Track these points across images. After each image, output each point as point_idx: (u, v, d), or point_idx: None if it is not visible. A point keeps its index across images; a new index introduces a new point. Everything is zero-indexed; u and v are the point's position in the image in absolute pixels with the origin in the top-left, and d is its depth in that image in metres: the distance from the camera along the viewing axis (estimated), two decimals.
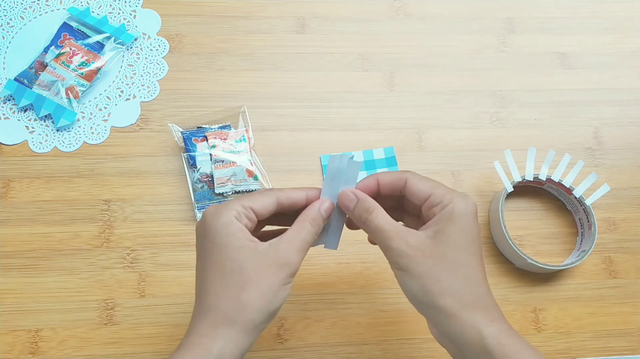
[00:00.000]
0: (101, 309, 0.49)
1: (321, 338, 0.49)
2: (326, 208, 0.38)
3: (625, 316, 0.52)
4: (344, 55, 0.60)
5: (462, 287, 0.34)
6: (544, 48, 0.62)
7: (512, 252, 0.50)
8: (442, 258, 0.35)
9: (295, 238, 0.36)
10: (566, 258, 0.53)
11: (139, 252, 0.51)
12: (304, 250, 0.36)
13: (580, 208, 0.53)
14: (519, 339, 0.34)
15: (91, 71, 0.56)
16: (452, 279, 0.34)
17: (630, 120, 0.60)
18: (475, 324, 0.33)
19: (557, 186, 0.53)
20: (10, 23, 0.59)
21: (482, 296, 0.35)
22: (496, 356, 0.32)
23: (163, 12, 0.61)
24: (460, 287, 0.34)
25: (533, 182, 0.54)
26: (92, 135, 0.55)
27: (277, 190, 0.38)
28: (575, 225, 0.54)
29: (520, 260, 0.50)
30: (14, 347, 0.47)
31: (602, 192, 0.51)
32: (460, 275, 0.34)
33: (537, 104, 0.59)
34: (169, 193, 0.53)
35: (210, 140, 0.53)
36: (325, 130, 0.57)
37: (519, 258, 0.49)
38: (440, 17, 0.63)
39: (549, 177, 0.52)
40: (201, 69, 0.58)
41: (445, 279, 0.34)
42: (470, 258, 0.35)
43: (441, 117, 0.58)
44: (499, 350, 0.32)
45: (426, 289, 0.34)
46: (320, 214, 0.38)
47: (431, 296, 0.34)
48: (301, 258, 0.36)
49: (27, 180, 0.53)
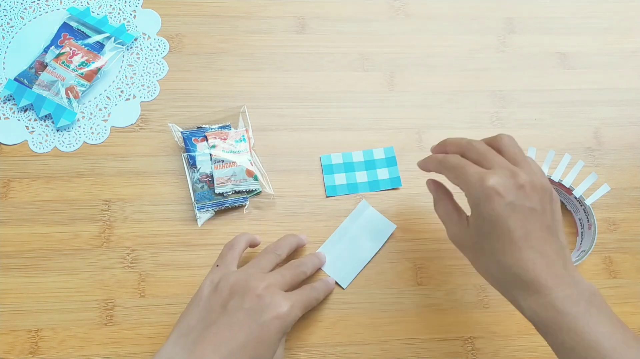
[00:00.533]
0: (101, 309, 0.49)
1: (321, 338, 0.49)
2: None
3: (626, 316, 0.52)
4: (344, 55, 0.60)
5: (496, 271, 0.39)
6: (544, 48, 0.62)
7: None
8: (477, 247, 0.40)
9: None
10: None
11: (139, 252, 0.51)
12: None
13: (580, 208, 0.53)
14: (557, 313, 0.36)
15: (91, 71, 0.56)
16: (488, 265, 0.39)
17: (630, 120, 0.60)
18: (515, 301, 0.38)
19: (557, 186, 0.53)
20: (10, 23, 0.59)
21: (517, 274, 0.37)
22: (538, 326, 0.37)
23: (163, 12, 0.61)
24: (495, 271, 0.39)
25: None
26: (92, 135, 0.55)
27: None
28: (575, 225, 0.54)
29: None
30: (14, 347, 0.47)
31: (602, 192, 0.51)
32: (492, 261, 0.39)
33: (537, 104, 0.59)
34: (169, 193, 0.53)
35: (210, 140, 0.53)
36: (325, 130, 0.57)
37: None
38: (440, 17, 0.63)
39: (549, 176, 0.52)
40: (201, 69, 0.58)
41: (482, 265, 0.40)
42: (496, 244, 0.38)
43: (441, 117, 0.58)
44: (537, 321, 0.36)
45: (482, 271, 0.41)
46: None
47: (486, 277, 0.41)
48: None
49: (27, 180, 0.53)
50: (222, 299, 0.41)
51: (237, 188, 0.52)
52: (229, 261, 0.45)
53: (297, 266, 0.46)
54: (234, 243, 0.46)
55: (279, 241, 0.48)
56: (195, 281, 0.50)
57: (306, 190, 0.54)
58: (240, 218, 0.53)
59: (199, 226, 0.52)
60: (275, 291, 0.41)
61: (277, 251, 0.47)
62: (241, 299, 0.40)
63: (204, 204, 0.52)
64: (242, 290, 0.41)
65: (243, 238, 0.47)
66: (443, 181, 0.46)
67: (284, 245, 0.48)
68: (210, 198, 0.52)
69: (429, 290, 0.51)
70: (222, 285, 0.42)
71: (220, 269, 0.44)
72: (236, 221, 0.53)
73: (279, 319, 0.40)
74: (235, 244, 0.46)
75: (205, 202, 0.52)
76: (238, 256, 0.46)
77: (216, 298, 0.41)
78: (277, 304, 0.40)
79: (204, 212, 0.52)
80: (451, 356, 0.49)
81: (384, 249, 0.52)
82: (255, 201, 0.53)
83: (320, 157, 0.55)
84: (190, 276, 0.50)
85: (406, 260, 0.52)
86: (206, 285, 0.43)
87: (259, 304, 0.40)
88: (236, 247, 0.46)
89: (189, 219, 0.52)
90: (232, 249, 0.46)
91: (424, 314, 0.50)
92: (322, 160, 0.55)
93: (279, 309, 0.40)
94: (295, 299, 0.42)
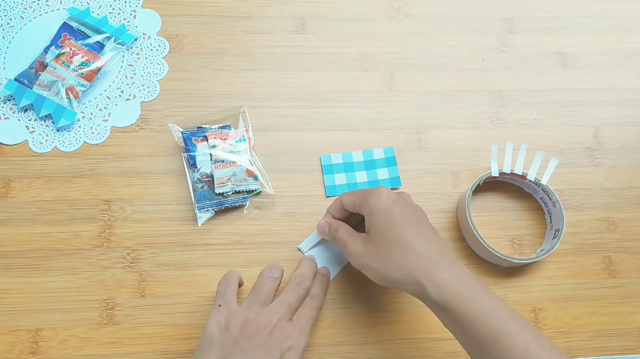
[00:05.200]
0: (101, 309, 0.49)
1: (321, 338, 0.49)
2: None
3: (625, 315, 0.52)
4: (344, 55, 0.60)
5: (401, 260, 0.41)
6: (544, 48, 0.62)
7: (489, 254, 0.50)
8: (377, 246, 0.43)
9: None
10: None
11: (139, 252, 0.51)
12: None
13: (538, 189, 0.53)
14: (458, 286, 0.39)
15: (91, 71, 0.56)
16: (388, 259, 0.42)
17: (630, 120, 0.60)
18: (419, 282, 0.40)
19: (510, 176, 0.53)
20: (10, 23, 0.59)
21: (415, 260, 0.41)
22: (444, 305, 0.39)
23: (163, 12, 0.61)
24: (400, 260, 0.41)
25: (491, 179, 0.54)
26: (92, 135, 0.55)
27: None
28: (540, 206, 0.55)
29: (498, 258, 0.50)
30: (15, 347, 0.47)
31: (552, 167, 0.52)
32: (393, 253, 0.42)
33: (536, 104, 0.60)
34: (169, 193, 0.53)
35: (211, 140, 0.53)
36: (325, 130, 0.57)
37: (497, 258, 0.50)
38: (440, 17, 0.63)
39: (501, 170, 0.52)
40: (201, 69, 0.58)
41: (383, 260, 0.42)
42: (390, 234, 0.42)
43: (441, 117, 0.58)
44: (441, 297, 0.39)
45: (380, 273, 0.43)
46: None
47: (386, 277, 0.42)
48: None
49: (27, 180, 0.53)
50: (234, 338, 0.42)
51: (237, 188, 0.52)
52: (229, 298, 0.45)
53: (299, 283, 0.47)
54: (229, 279, 0.46)
55: (271, 266, 0.48)
56: (195, 281, 0.50)
57: (306, 190, 0.54)
58: (240, 218, 0.53)
59: (199, 226, 0.52)
60: (285, 324, 0.43)
61: (273, 275, 0.47)
62: (254, 338, 0.41)
63: (204, 204, 0.52)
64: (253, 330, 0.42)
65: (235, 274, 0.47)
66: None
67: (276, 269, 0.48)
68: (210, 198, 0.52)
69: None
70: (233, 326, 0.42)
71: (223, 309, 0.44)
72: (236, 221, 0.53)
73: (293, 349, 0.42)
74: (231, 280, 0.46)
75: (205, 202, 0.52)
76: (236, 292, 0.46)
77: (228, 338, 0.42)
78: (288, 336, 0.42)
79: (204, 212, 0.52)
80: (451, 356, 0.49)
81: None
82: (255, 201, 0.53)
83: (320, 156, 0.55)
84: (190, 276, 0.51)
85: None
86: (213, 326, 0.43)
87: (272, 341, 0.41)
88: (232, 283, 0.46)
89: (189, 219, 0.52)
90: (230, 285, 0.46)
91: (423, 314, 0.50)
92: (322, 160, 0.55)
93: (291, 341, 0.42)
94: (302, 325, 0.44)
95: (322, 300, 0.48)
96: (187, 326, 0.49)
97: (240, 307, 0.44)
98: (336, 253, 0.51)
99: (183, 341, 0.48)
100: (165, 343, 0.48)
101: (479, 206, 0.55)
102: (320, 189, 0.54)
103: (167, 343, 0.48)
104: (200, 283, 0.50)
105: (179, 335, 0.48)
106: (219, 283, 0.46)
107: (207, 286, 0.50)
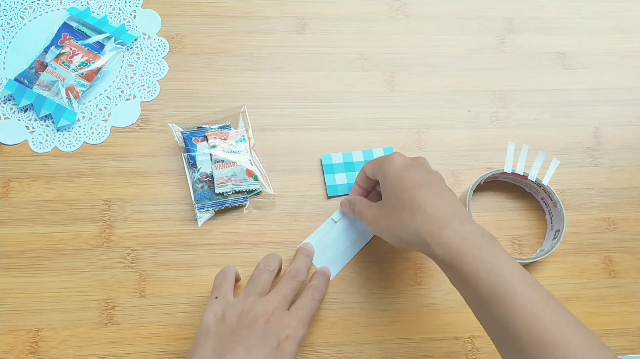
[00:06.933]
0: (101, 309, 0.49)
1: (321, 338, 0.49)
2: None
3: (625, 315, 0.52)
4: (344, 55, 0.60)
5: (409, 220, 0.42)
6: (544, 48, 0.62)
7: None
8: (389, 209, 0.44)
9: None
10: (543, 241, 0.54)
11: (139, 252, 0.51)
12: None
13: (539, 189, 0.53)
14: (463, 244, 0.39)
15: (91, 71, 0.56)
16: (399, 221, 0.42)
17: (630, 120, 0.60)
18: (426, 242, 0.40)
19: (512, 176, 0.53)
20: (10, 23, 0.59)
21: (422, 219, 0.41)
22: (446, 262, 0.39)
23: (163, 12, 0.61)
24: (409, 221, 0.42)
25: (492, 178, 0.54)
26: (92, 135, 0.55)
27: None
28: (541, 206, 0.55)
29: None
30: (14, 347, 0.47)
31: (554, 167, 0.52)
32: (403, 215, 0.42)
33: (536, 104, 0.60)
34: (169, 193, 0.53)
35: (211, 140, 0.53)
36: (325, 130, 0.57)
37: None
38: (440, 17, 0.63)
39: (502, 170, 0.52)
40: (201, 69, 0.58)
41: (395, 223, 0.43)
42: (402, 199, 0.43)
43: (441, 117, 0.58)
44: (447, 255, 0.39)
45: (393, 235, 0.44)
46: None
47: (399, 238, 0.43)
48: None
49: (27, 180, 0.53)
50: (230, 328, 0.42)
51: (237, 188, 0.52)
52: (225, 291, 0.45)
53: (294, 276, 0.47)
54: (225, 273, 0.47)
55: (267, 257, 0.48)
56: (195, 281, 0.50)
57: (306, 190, 0.54)
58: (240, 218, 0.53)
59: (199, 226, 0.52)
60: (281, 313, 0.43)
61: (269, 267, 0.47)
62: (251, 327, 0.41)
63: (204, 204, 0.52)
64: (250, 319, 0.42)
65: (231, 269, 0.47)
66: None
67: (273, 260, 0.48)
68: (210, 198, 0.52)
69: (428, 289, 0.51)
70: (229, 316, 0.42)
71: (219, 301, 0.44)
72: (236, 221, 0.53)
73: (290, 338, 0.42)
74: (227, 274, 0.47)
75: (205, 202, 0.52)
76: (232, 285, 0.46)
77: (225, 328, 0.42)
78: (285, 326, 0.42)
79: (204, 212, 0.52)
80: (451, 356, 0.49)
81: (383, 249, 0.52)
82: (255, 201, 0.53)
83: (321, 156, 0.55)
84: (190, 276, 0.51)
85: (405, 260, 0.52)
86: (210, 317, 0.43)
87: (269, 330, 0.41)
88: (228, 277, 0.46)
89: (189, 219, 0.52)
90: (226, 278, 0.46)
91: (423, 314, 0.50)
92: (322, 160, 0.55)
93: (289, 331, 0.42)
94: (301, 316, 0.44)
95: (323, 293, 0.48)
96: (187, 326, 0.49)
97: (237, 298, 0.44)
98: (336, 253, 0.52)
99: (183, 341, 0.48)
100: (165, 343, 0.48)
101: (479, 206, 0.55)
102: (320, 189, 0.54)
103: (167, 343, 0.48)
104: (200, 283, 0.50)
105: (179, 335, 0.48)
106: (215, 277, 0.46)
107: (207, 286, 0.50)
